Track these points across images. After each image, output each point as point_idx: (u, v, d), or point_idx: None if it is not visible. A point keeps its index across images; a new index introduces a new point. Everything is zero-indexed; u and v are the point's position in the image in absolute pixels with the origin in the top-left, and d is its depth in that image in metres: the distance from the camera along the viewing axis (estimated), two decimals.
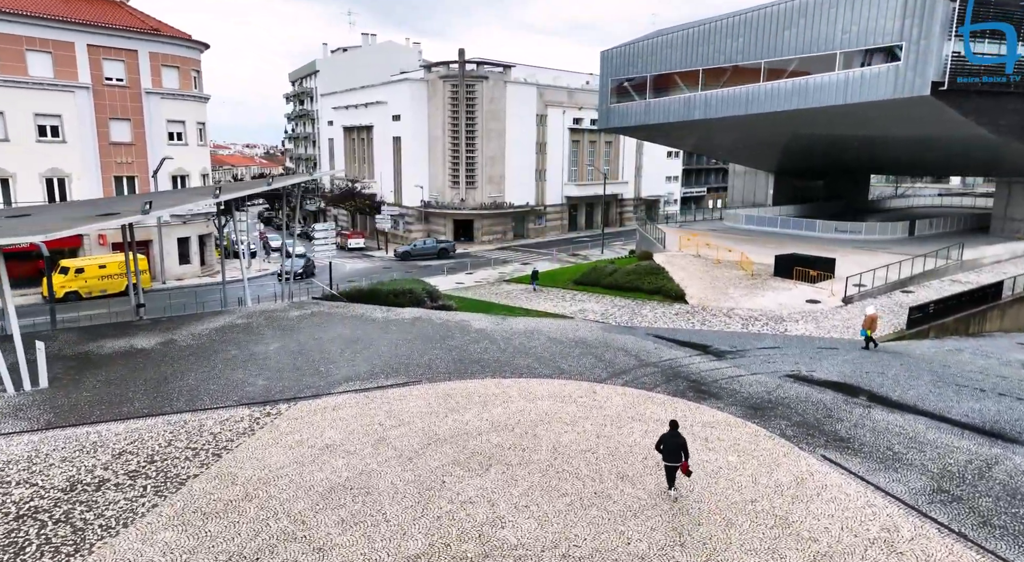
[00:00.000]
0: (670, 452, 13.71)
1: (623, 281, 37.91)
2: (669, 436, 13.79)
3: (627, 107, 48.73)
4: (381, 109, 73.15)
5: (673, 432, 13.82)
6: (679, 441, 13.68)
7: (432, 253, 60.09)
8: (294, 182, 35.41)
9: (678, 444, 13.65)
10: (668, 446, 13.73)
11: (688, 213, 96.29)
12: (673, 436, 13.74)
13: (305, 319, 29.97)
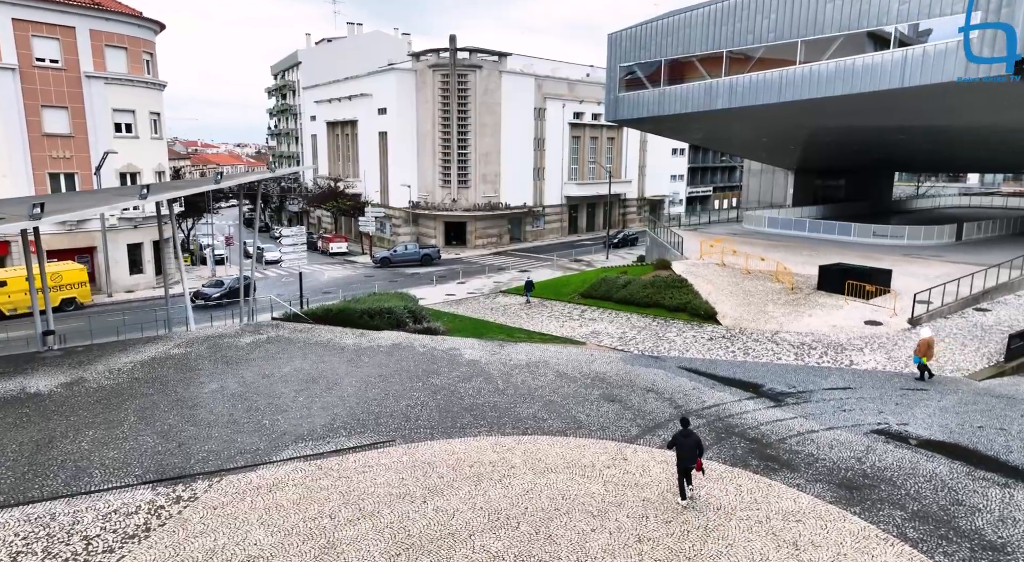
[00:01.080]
0: (686, 453, 13.22)
1: (640, 295, 32.59)
2: (682, 435, 13.39)
3: (638, 96, 43.34)
4: (366, 102, 67.61)
5: (686, 430, 13.49)
6: (694, 440, 13.35)
7: (414, 260, 54.56)
8: (251, 179, 29.98)
9: (693, 444, 13.28)
10: (683, 448, 13.27)
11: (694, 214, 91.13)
12: (686, 435, 13.38)
13: (258, 347, 24.47)
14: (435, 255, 55.20)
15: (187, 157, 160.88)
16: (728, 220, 55.31)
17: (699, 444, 13.39)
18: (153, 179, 40.70)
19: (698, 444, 13.35)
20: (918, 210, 63.98)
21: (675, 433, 13.66)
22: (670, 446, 13.82)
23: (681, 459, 13.39)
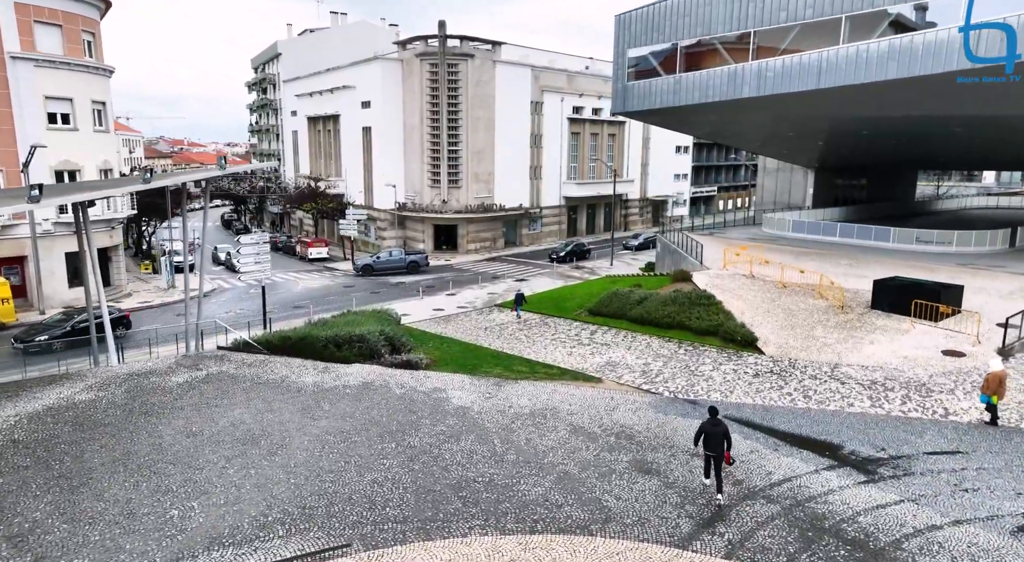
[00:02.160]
0: (714, 444, 13.17)
1: (659, 314, 27.75)
2: (711, 424, 13.35)
3: (649, 85, 38.45)
4: (348, 95, 62.52)
5: (715, 420, 13.44)
6: (722, 429, 13.27)
7: (400, 268, 49.56)
8: (189, 178, 25.02)
9: (722, 433, 13.20)
10: (711, 437, 13.22)
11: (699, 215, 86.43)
12: (715, 424, 13.34)
13: (192, 390, 19.43)
14: (422, 262, 50.19)
15: (169, 156, 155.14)
16: (743, 222, 50.57)
17: (727, 434, 13.36)
18: (97, 177, 35.50)
19: (726, 434, 13.33)
20: (944, 211, 59.48)
21: (703, 422, 13.71)
22: (697, 440, 13.81)
23: (707, 447, 13.38)
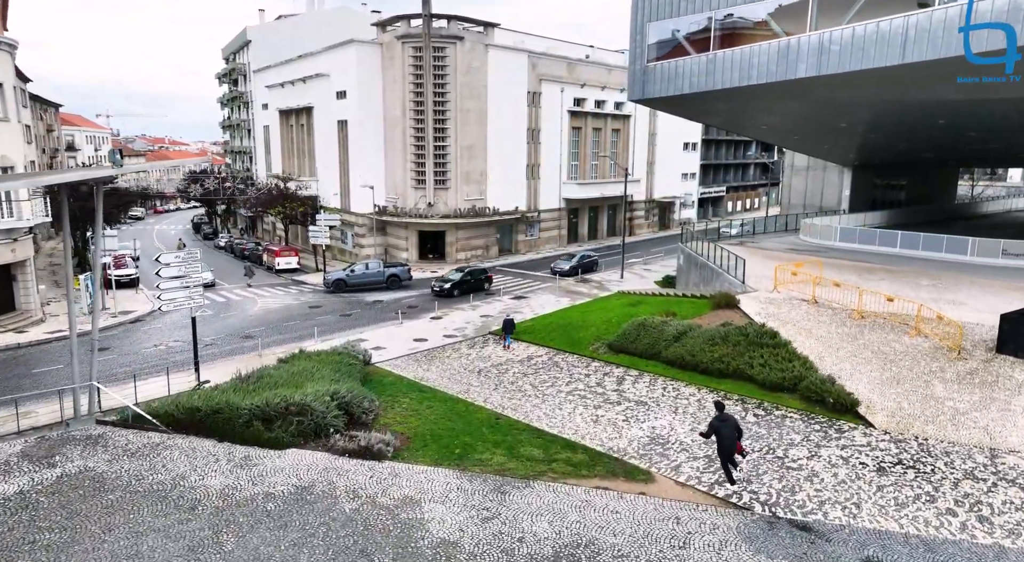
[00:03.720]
0: (726, 438, 13.10)
1: (707, 357, 21.13)
2: (719, 420, 13.35)
3: (675, 67, 31.78)
4: (322, 84, 55.53)
5: (722, 415, 13.56)
6: (732, 423, 13.32)
7: (378, 282, 42.66)
8: (69, 178, 18.18)
9: (732, 427, 13.23)
10: (722, 433, 13.14)
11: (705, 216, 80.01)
12: (723, 420, 13.36)
13: (24, 510, 12.52)
14: (404, 276, 43.27)
15: (142, 155, 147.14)
16: (774, 229, 44.04)
17: (737, 426, 13.34)
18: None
19: (736, 426, 13.31)
20: (992, 214, 53.23)
21: (711, 419, 13.64)
22: (708, 434, 13.60)
23: (722, 446, 13.20)
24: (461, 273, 41.43)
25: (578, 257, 47.20)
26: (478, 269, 43.11)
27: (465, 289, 40.00)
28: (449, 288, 39.79)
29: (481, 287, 41.28)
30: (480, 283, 41.53)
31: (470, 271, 42.02)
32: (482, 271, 42.66)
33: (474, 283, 41.18)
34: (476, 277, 41.69)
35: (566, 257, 48.62)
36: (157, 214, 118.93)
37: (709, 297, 28.28)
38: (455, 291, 39.58)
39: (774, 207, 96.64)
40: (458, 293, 39.52)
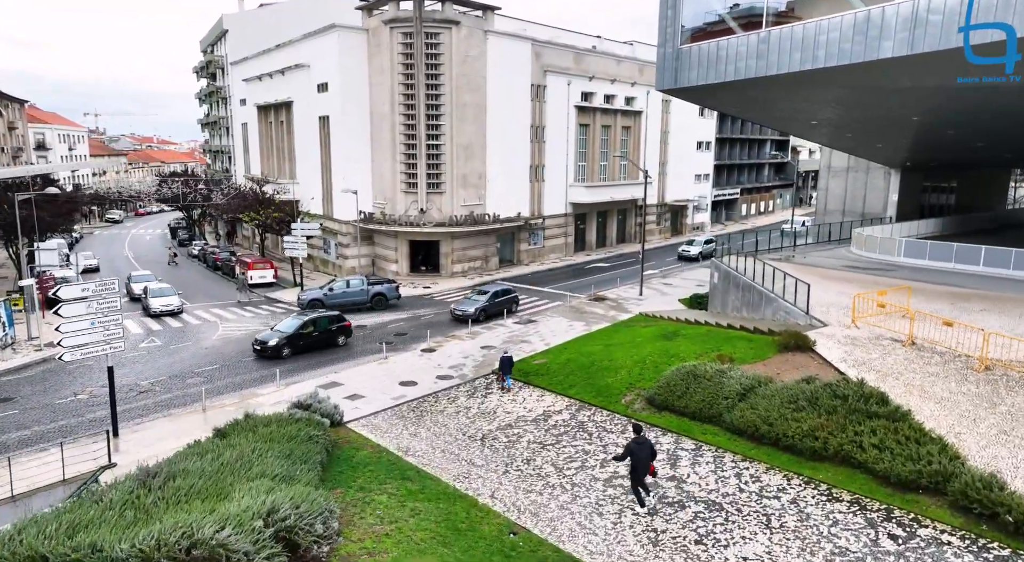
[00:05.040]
0: (641, 461, 13.25)
1: (791, 428, 15.67)
2: (636, 443, 13.37)
3: (717, 48, 26.26)
4: (302, 76, 49.81)
5: (640, 438, 13.60)
6: (648, 447, 13.47)
7: (360, 302, 36.86)
8: None
9: (648, 450, 13.42)
10: (639, 455, 13.23)
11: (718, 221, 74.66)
12: (640, 443, 13.40)
13: None
14: (391, 295, 37.53)
15: (122, 154, 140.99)
16: (819, 240, 38.54)
17: (652, 450, 13.61)
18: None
19: (652, 451, 13.56)
20: None
21: (628, 442, 13.66)
22: (623, 457, 13.72)
23: (636, 468, 13.36)
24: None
25: (489, 295, 34.84)
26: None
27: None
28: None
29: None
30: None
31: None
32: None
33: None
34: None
35: (474, 294, 35.84)
36: (138, 216, 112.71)
37: (768, 333, 22.71)
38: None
39: (788, 210, 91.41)
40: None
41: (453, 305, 35.02)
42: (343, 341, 29.98)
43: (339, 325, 30.19)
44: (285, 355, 27.79)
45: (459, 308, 33.97)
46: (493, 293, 35.08)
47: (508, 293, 36.02)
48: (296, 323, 28.98)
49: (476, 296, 35.10)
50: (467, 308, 33.73)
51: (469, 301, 34.78)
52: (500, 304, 34.83)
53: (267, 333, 28.83)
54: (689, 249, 53.63)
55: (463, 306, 34.14)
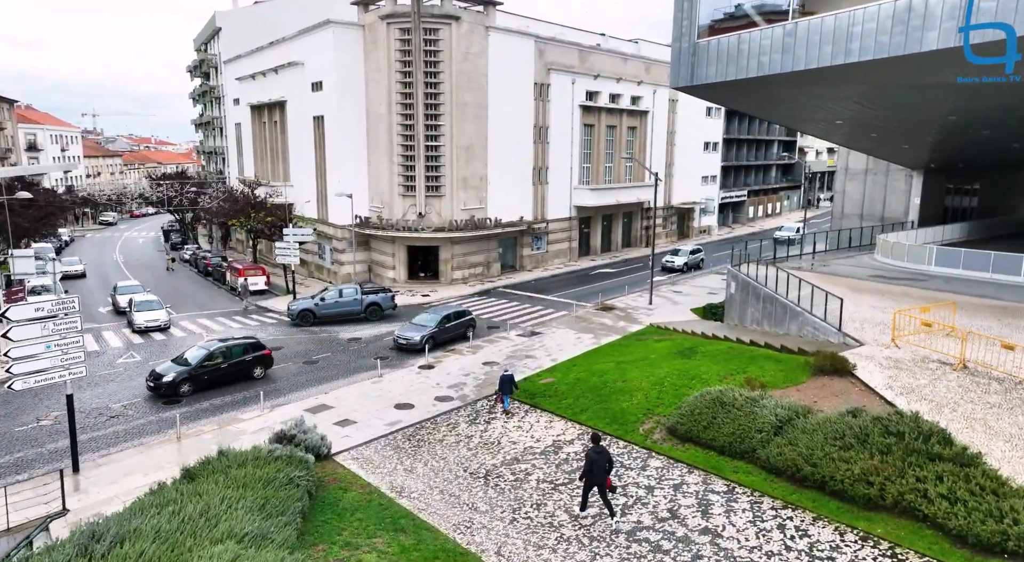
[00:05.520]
0: (598, 471, 13.45)
1: (838, 470, 13.77)
2: (594, 453, 13.55)
3: (738, 42, 24.31)
4: (296, 75, 47.86)
5: (598, 447, 13.75)
6: (605, 457, 13.62)
7: (354, 312, 34.83)
8: None
9: (605, 460, 13.58)
10: (597, 463, 13.44)
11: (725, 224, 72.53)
12: (598, 452, 13.59)
13: None
14: (386, 304, 35.52)
15: (117, 155, 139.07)
16: (839, 246, 36.56)
17: (610, 460, 13.83)
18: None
19: (609, 460, 13.74)
20: None
21: (587, 451, 13.85)
22: (586, 470, 13.76)
23: (592, 475, 13.52)
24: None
25: (440, 319, 29.86)
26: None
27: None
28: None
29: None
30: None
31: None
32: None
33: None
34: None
35: (422, 316, 30.73)
36: (133, 218, 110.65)
37: (799, 352, 20.74)
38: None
39: (795, 212, 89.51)
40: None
41: (397, 331, 29.88)
42: (260, 373, 25.22)
43: (256, 355, 25.39)
44: (184, 392, 23.07)
45: (403, 335, 28.99)
46: (444, 317, 30.05)
47: (463, 316, 31.01)
48: (200, 354, 24.30)
49: (424, 320, 29.96)
50: (412, 335, 28.73)
51: (414, 327, 29.53)
52: (453, 329, 29.98)
53: (166, 365, 24.27)
54: (674, 259, 48.43)
55: (407, 332, 29.08)
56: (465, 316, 31.25)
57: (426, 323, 29.68)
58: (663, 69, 58.87)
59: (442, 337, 29.37)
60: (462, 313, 31.36)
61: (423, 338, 28.62)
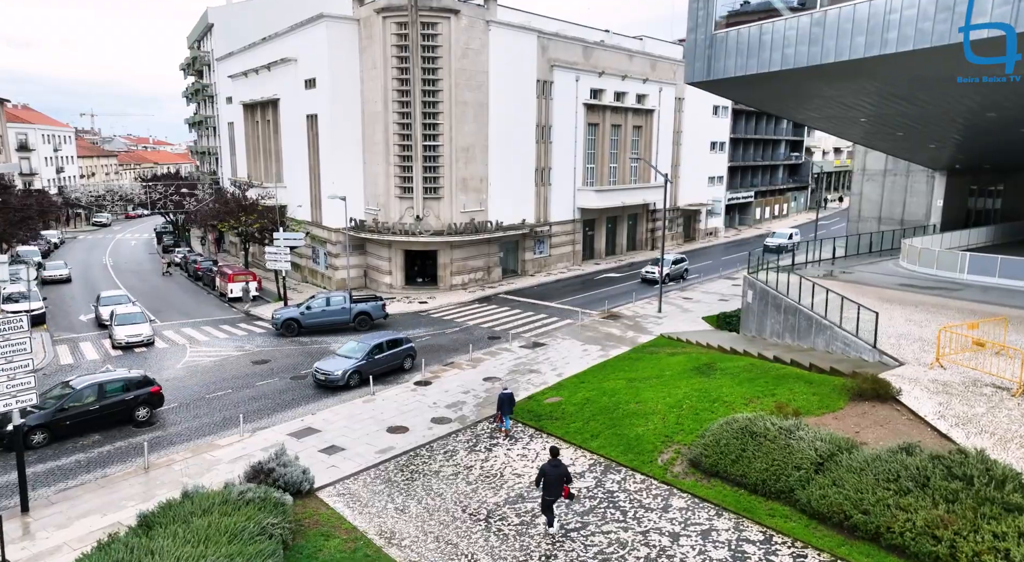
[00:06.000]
0: (552, 484, 13.44)
1: (895, 520, 11.86)
2: (550, 466, 13.57)
3: (761, 33, 22.44)
4: (289, 71, 45.98)
5: (555, 461, 13.71)
6: (561, 471, 13.59)
7: (342, 322, 32.67)
8: None
9: (561, 473, 13.55)
10: (550, 477, 13.43)
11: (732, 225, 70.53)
12: (555, 465, 13.59)
13: None
14: (376, 313, 33.43)
15: (111, 155, 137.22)
16: (859, 252, 34.65)
17: (567, 474, 13.71)
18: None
19: (565, 473, 13.67)
20: None
21: (543, 465, 13.79)
22: (539, 480, 13.80)
23: (548, 487, 13.53)
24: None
25: (369, 349, 25.22)
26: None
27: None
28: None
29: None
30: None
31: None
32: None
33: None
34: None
35: (348, 346, 26.02)
36: (129, 219, 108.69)
37: (831, 372, 18.84)
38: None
39: (802, 213, 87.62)
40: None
41: (317, 364, 25.12)
42: (144, 415, 21.14)
43: (140, 394, 21.07)
44: (36, 443, 18.85)
45: (322, 369, 24.47)
46: (375, 346, 25.29)
47: (398, 344, 26.17)
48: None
49: (350, 350, 25.41)
50: (332, 369, 24.24)
51: (337, 359, 25.06)
52: (385, 361, 25.42)
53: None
54: (653, 270, 42.47)
55: (328, 365, 24.60)
56: (401, 345, 26.38)
57: (351, 354, 25.08)
58: (669, 66, 57.04)
59: (372, 370, 24.48)
60: (397, 341, 26.34)
61: (346, 373, 24.02)
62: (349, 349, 25.64)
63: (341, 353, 25.68)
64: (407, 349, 26.65)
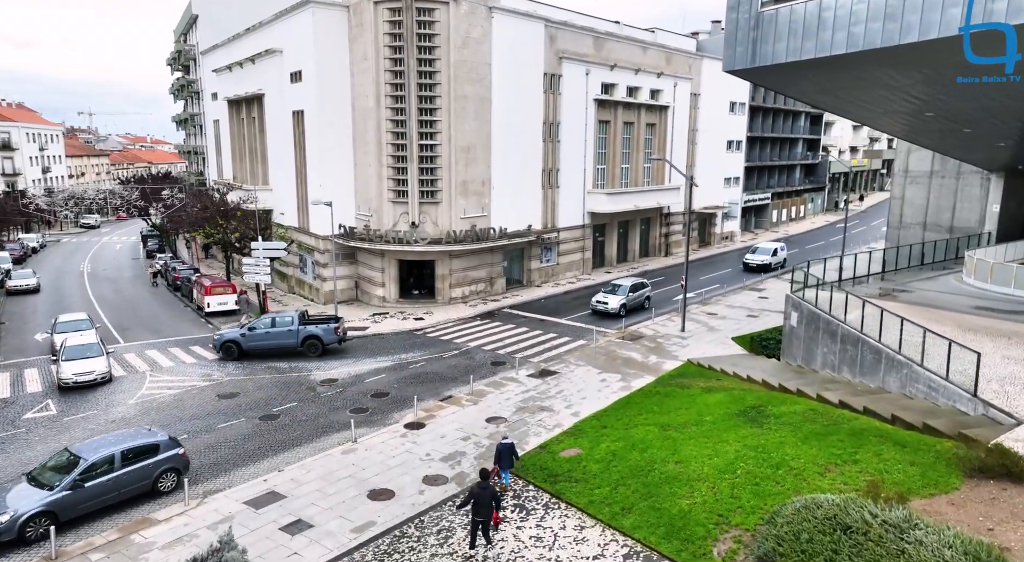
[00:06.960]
0: (483, 507, 13.18)
1: None
2: (479, 488, 13.29)
3: (818, 10, 18.60)
4: (274, 64, 42.17)
5: (483, 483, 13.43)
6: (490, 492, 13.35)
7: (287, 346, 28.49)
8: None
9: (490, 495, 13.32)
10: (480, 499, 13.16)
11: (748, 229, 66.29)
12: (483, 487, 13.31)
13: None
14: (327, 338, 28.49)
15: (103, 155, 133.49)
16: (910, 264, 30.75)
17: (496, 497, 13.55)
18: None
19: (494, 496, 13.48)
20: None
21: (471, 486, 13.76)
22: (465, 503, 13.54)
23: (477, 511, 13.21)
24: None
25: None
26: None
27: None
28: None
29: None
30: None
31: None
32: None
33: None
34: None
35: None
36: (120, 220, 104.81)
37: (924, 429, 14.91)
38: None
39: (819, 215, 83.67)
40: None
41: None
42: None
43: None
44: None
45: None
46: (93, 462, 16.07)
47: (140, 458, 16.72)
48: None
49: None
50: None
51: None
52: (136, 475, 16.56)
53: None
54: (607, 300, 34.93)
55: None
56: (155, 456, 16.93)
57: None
58: (684, 60, 53.19)
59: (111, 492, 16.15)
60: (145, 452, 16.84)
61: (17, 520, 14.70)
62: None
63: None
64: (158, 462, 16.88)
